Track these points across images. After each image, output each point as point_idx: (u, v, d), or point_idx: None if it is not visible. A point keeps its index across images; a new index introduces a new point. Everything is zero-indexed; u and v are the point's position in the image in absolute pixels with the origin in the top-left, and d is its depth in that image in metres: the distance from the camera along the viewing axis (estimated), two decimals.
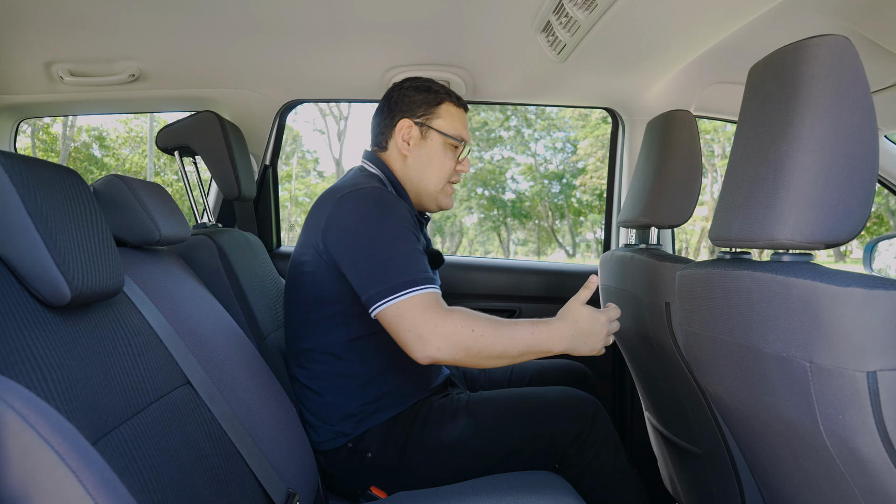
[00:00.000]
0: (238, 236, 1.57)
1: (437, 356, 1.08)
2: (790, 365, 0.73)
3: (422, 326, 1.09)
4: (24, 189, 0.70)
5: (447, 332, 1.08)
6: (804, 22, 1.22)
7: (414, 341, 1.09)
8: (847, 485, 0.74)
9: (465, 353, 1.09)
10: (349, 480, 1.30)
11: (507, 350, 1.10)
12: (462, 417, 1.27)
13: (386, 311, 1.12)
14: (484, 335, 1.09)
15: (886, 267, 1.60)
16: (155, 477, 0.72)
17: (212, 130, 1.60)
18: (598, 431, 1.27)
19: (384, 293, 1.12)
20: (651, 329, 1.22)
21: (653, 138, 1.37)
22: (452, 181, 1.39)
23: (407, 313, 1.10)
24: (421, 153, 1.36)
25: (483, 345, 1.09)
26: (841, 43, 0.73)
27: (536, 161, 17.33)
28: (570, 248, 17.27)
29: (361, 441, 1.28)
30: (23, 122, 2.02)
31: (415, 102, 1.37)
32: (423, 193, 1.37)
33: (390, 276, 1.12)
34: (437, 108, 1.36)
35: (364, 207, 1.19)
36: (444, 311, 1.11)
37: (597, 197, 15.69)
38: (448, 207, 1.40)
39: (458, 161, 1.39)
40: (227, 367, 1.10)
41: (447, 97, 1.38)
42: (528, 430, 1.25)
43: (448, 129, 1.36)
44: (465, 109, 1.41)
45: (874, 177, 0.74)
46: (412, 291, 1.11)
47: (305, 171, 17.71)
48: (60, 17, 1.36)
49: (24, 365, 0.63)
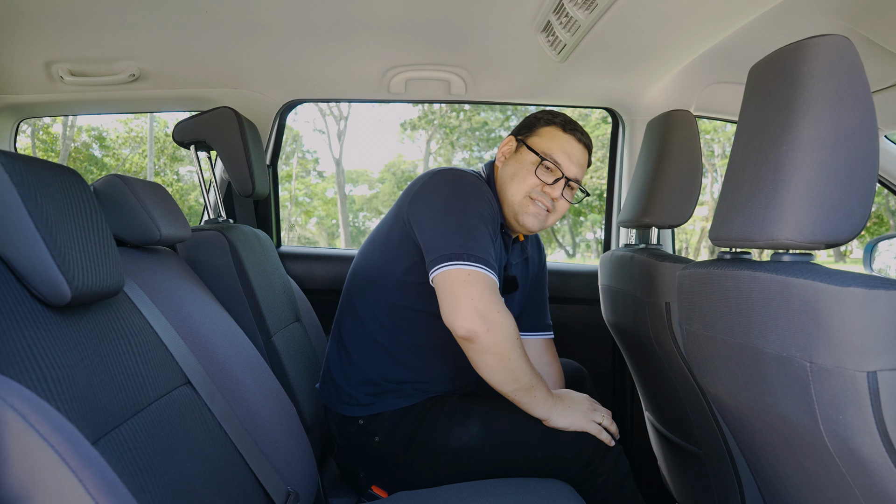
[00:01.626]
0: (248, 232, 1.57)
1: (479, 333, 1.12)
2: (790, 365, 0.73)
3: (485, 304, 1.13)
4: (25, 189, 0.70)
5: (502, 321, 1.13)
6: (804, 22, 1.22)
7: (470, 312, 1.12)
8: (847, 485, 0.74)
9: (502, 349, 1.14)
10: (353, 456, 1.32)
11: (521, 377, 1.17)
12: (474, 424, 1.26)
13: (453, 272, 1.14)
14: (519, 349, 1.16)
15: (886, 267, 1.60)
16: (155, 477, 0.72)
17: (229, 126, 1.60)
18: (609, 461, 1.24)
19: (459, 256, 1.15)
20: (651, 329, 1.22)
21: (653, 138, 1.37)
22: (535, 198, 1.33)
23: (475, 285, 1.13)
24: (511, 165, 1.38)
25: (516, 356, 1.15)
26: (841, 43, 0.73)
27: None
28: (570, 248, 17.26)
29: (373, 422, 1.29)
30: (23, 122, 2.02)
31: (526, 123, 1.42)
32: (507, 205, 1.37)
33: (469, 246, 1.16)
34: (540, 129, 1.38)
35: (456, 182, 1.26)
36: (502, 303, 1.17)
37: (597, 197, 15.70)
38: (529, 228, 1.35)
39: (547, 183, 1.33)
40: (227, 366, 1.10)
41: (554, 121, 1.38)
42: (535, 451, 1.24)
43: (538, 145, 1.36)
44: (576, 138, 1.37)
45: (874, 177, 0.74)
46: (485, 269, 1.15)
47: (305, 171, 17.71)
48: (60, 17, 1.36)
49: (24, 364, 0.63)
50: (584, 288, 2.08)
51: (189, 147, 1.69)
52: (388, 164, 18.26)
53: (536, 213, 1.35)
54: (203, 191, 1.80)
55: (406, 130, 16.99)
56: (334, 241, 17.26)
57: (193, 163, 1.75)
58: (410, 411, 1.29)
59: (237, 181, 1.63)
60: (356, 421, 1.31)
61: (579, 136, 1.37)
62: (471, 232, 1.18)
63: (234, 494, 0.89)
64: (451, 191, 1.24)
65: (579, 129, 1.38)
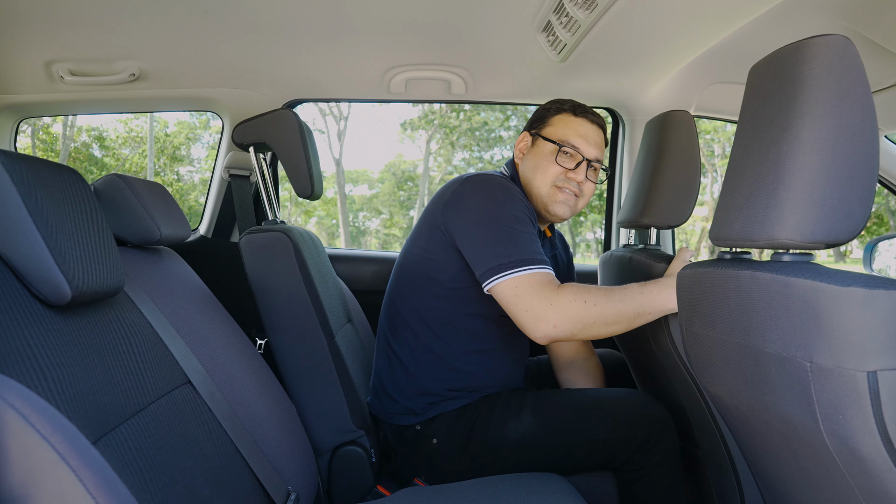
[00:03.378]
0: (304, 233, 1.56)
1: (555, 333, 1.12)
2: (790, 365, 0.73)
3: (538, 305, 1.12)
4: (25, 188, 0.70)
5: (562, 306, 1.12)
6: (804, 22, 1.22)
7: (531, 321, 1.13)
8: (847, 485, 0.74)
9: (582, 325, 1.12)
10: (412, 462, 1.32)
11: (623, 313, 1.12)
12: (527, 415, 1.27)
13: (501, 286, 1.16)
14: (597, 304, 1.12)
15: (886, 267, 1.60)
16: (155, 476, 0.72)
17: (289, 129, 1.59)
18: (665, 442, 1.25)
19: (500, 268, 1.16)
20: (651, 329, 1.22)
21: (651, 139, 1.37)
22: (562, 186, 1.35)
23: (523, 291, 1.14)
24: (530, 160, 1.39)
25: (598, 313, 1.11)
26: (841, 43, 0.73)
27: None
28: (571, 249, 17.26)
29: (429, 426, 1.30)
30: (23, 122, 2.02)
31: (536, 115, 1.43)
32: (535, 199, 1.38)
33: (509, 253, 1.17)
34: (552, 118, 1.39)
35: (486, 189, 1.26)
36: (557, 287, 1.15)
37: (597, 197, 15.69)
38: (560, 215, 1.36)
39: (570, 169, 1.34)
40: (227, 366, 1.10)
41: (564, 108, 1.39)
42: (592, 434, 1.24)
43: (553, 134, 1.36)
44: (588, 120, 1.37)
45: (874, 177, 0.74)
46: (527, 269, 1.15)
47: None
48: (60, 16, 1.36)
49: (24, 364, 0.63)
50: None
51: (248, 149, 1.68)
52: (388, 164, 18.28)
53: (565, 200, 1.36)
54: (261, 192, 1.77)
55: (406, 130, 17.00)
56: (334, 241, 17.27)
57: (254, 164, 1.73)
58: (465, 411, 1.30)
59: (297, 182, 1.61)
60: (413, 427, 1.31)
61: (591, 118, 1.38)
62: (511, 237, 1.19)
63: (234, 494, 0.89)
64: (483, 199, 1.25)
65: (590, 110, 1.39)
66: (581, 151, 1.34)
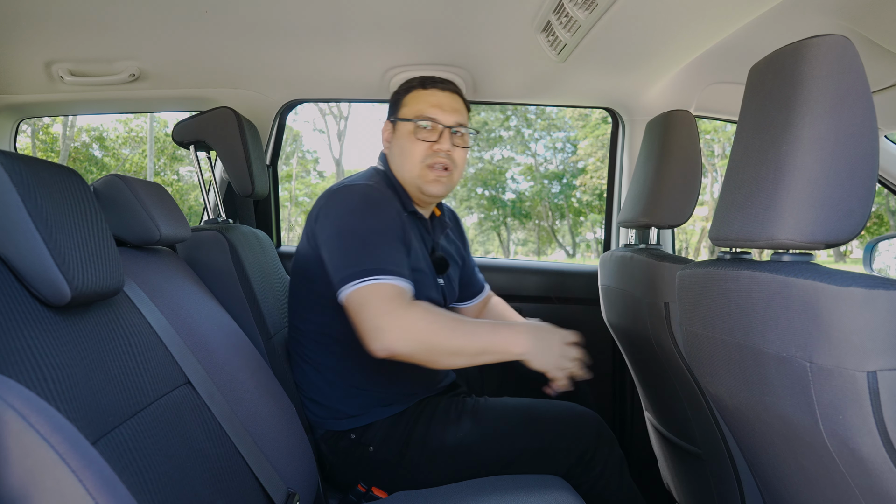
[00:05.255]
0: (248, 233, 1.57)
1: (394, 348, 1.07)
2: (790, 365, 0.73)
3: (382, 317, 1.09)
4: (25, 189, 0.70)
5: (406, 323, 1.08)
6: (804, 22, 1.22)
7: (372, 332, 1.09)
8: (847, 485, 0.74)
9: (424, 347, 1.09)
10: (348, 471, 1.30)
11: (466, 347, 1.10)
12: (467, 421, 1.27)
13: (350, 295, 1.13)
14: (443, 330, 1.09)
15: (886, 267, 1.60)
16: (155, 477, 0.72)
17: (228, 126, 1.60)
18: (603, 451, 1.26)
19: (350, 277, 1.13)
20: (651, 329, 1.22)
21: (652, 138, 1.37)
22: (431, 164, 1.33)
23: (369, 301, 1.11)
24: (395, 147, 1.39)
25: (441, 340, 1.09)
26: (841, 43, 0.73)
27: (536, 161, 17.34)
28: (570, 248, 17.27)
29: (365, 434, 1.29)
30: (23, 122, 2.02)
31: (391, 101, 1.42)
32: (408, 184, 1.37)
33: (360, 262, 1.14)
34: (404, 99, 1.39)
35: (348, 201, 1.24)
36: (406, 303, 1.11)
37: (597, 197, 15.69)
38: (437, 194, 1.36)
39: (433, 141, 1.34)
40: (227, 366, 1.10)
41: (412, 86, 1.38)
42: (532, 443, 1.25)
43: (408, 113, 1.36)
44: (439, 89, 1.37)
45: (874, 177, 0.74)
46: (377, 279, 1.12)
47: (305, 171, 17.72)
48: (60, 17, 1.36)
49: (24, 364, 0.63)
50: (584, 288, 2.08)
51: (189, 147, 1.69)
52: None
53: (437, 178, 1.34)
54: (203, 191, 1.80)
55: None
56: None
57: (193, 163, 1.75)
58: (402, 416, 1.29)
59: (237, 181, 1.63)
60: (348, 436, 1.30)
61: (442, 86, 1.37)
62: (366, 248, 1.17)
63: (234, 494, 0.89)
64: (344, 211, 1.24)
65: (439, 80, 1.38)
66: (439, 120, 1.34)
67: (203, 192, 1.81)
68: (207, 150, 1.74)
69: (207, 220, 1.70)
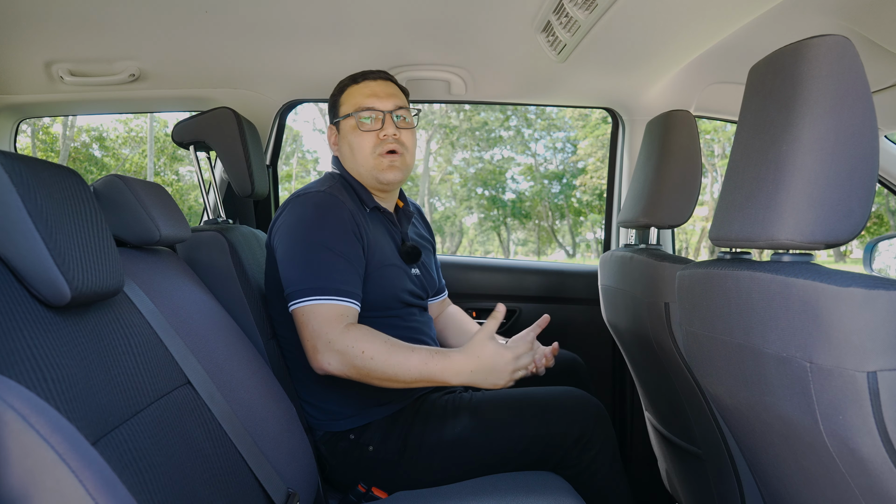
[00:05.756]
0: (247, 233, 1.57)
1: (328, 370, 1.15)
2: (790, 365, 0.73)
3: (318, 338, 1.15)
4: (24, 189, 0.70)
5: (339, 348, 1.14)
6: (804, 22, 1.22)
7: (310, 351, 1.17)
8: (847, 485, 0.74)
9: (356, 372, 1.14)
10: (347, 472, 1.31)
11: (399, 375, 1.13)
12: (464, 416, 1.28)
13: (295, 311, 1.20)
14: (374, 358, 1.13)
15: (886, 267, 1.60)
16: (155, 477, 0.72)
17: (228, 126, 1.60)
18: (600, 434, 1.27)
19: (296, 294, 1.19)
20: (651, 329, 1.22)
21: (652, 138, 1.37)
22: (382, 151, 1.35)
23: (310, 321, 1.17)
24: (343, 146, 1.41)
25: (373, 367, 1.13)
26: (841, 43, 0.73)
27: (536, 161, 17.34)
28: (570, 248, 17.27)
29: (363, 433, 1.29)
30: (23, 122, 2.02)
31: (329, 107, 1.46)
32: (365, 178, 1.39)
33: (305, 279, 1.19)
34: (340, 99, 1.42)
35: (302, 211, 1.27)
36: (343, 327, 1.16)
37: (597, 197, 15.69)
38: (394, 180, 1.37)
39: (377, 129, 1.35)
40: (227, 366, 1.10)
41: (345, 85, 1.41)
42: (529, 430, 1.25)
43: (348, 109, 1.38)
44: (371, 79, 1.39)
45: (874, 177, 0.74)
46: (320, 299, 1.17)
47: (305, 171, 17.71)
48: (60, 17, 1.36)
49: (24, 365, 0.63)
50: (584, 288, 2.08)
51: (188, 147, 1.69)
52: None
53: (391, 163, 1.36)
54: (202, 191, 1.80)
55: None
56: None
57: (193, 163, 1.75)
58: (400, 415, 1.30)
59: (236, 181, 1.63)
60: (347, 436, 1.30)
61: (372, 76, 1.41)
62: (313, 264, 1.20)
63: (234, 494, 0.89)
64: (296, 222, 1.26)
65: (369, 72, 1.41)
66: (377, 108, 1.36)
67: (203, 193, 1.81)
68: (207, 151, 1.74)
69: (207, 221, 1.70)
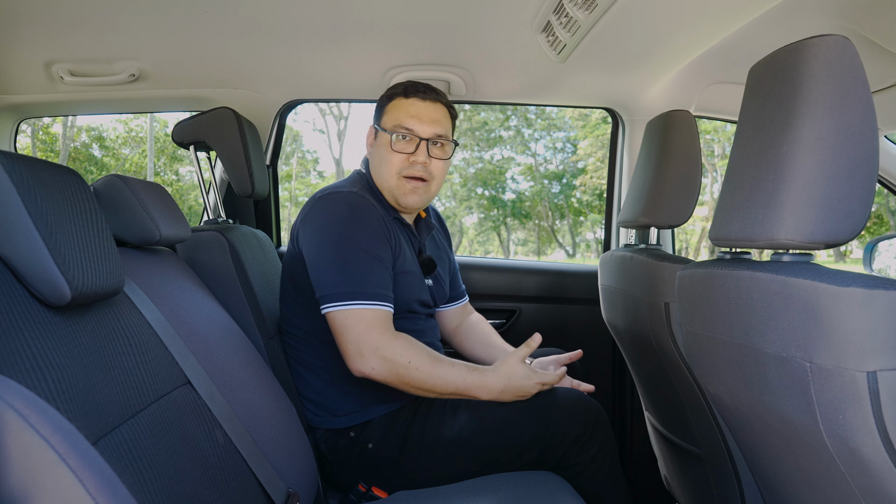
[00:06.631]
0: (247, 233, 1.57)
1: (370, 374, 1.17)
2: (790, 365, 0.73)
3: (364, 342, 1.16)
4: (25, 189, 0.70)
5: (386, 355, 1.16)
6: (804, 22, 1.22)
7: (353, 353, 1.17)
8: (847, 485, 0.74)
9: (397, 379, 1.17)
10: (348, 470, 1.31)
11: (437, 387, 1.19)
12: (463, 414, 1.28)
13: (334, 314, 1.19)
14: (419, 369, 1.17)
15: (886, 267, 1.60)
16: (155, 477, 0.72)
17: (228, 126, 1.60)
18: (599, 434, 1.27)
19: (335, 297, 1.19)
20: (651, 329, 1.22)
21: (652, 138, 1.37)
22: (408, 175, 1.33)
23: (354, 325, 1.17)
24: (375, 153, 1.39)
25: (415, 377, 1.17)
26: (841, 43, 0.73)
27: (536, 161, 17.34)
28: (570, 248, 17.27)
29: (363, 431, 1.29)
30: (23, 122, 2.02)
31: (377, 106, 1.43)
32: (385, 192, 1.38)
33: (345, 282, 1.19)
34: (387, 106, 1.39)
35: (335, 210, 1.26)
36: (390, 334, 1.18)
37: (597, 197, 15.70)
38: (412, 205, 1.36)
39: (410, 153, 1.33)
40: (227, 366, 1.10)
41: (396, 92, 1.38)
42: (529, 430, 1.25)
43: (388, 122, 1.36)
44: (420, 98, 1.35)
45: (874, 177, 0.74)
46: (362, 304, 1.18)
47: (305, 171, 17.71)
48: (60, 17, 1.36)
49: (24, 364, 0.63)
50: (584, 288, 2.08)
51: (188, 147, 1.69)
52: None
53: (414, 189, 1.34)
54: (202, 191, 1.81)
55: None
56: None
57: (193, 163, 1.75)
58: (400, 412, 1.30)
59: (236, 181, 1.63)
60: (347, 434, 1.30)
61: (423, 95, 1.35)
62: (350, 266, 1.20)
63: (234, 494, 0.89)
64: (329, 222, 1.25)
65: (422, 88, 1.36)
66: (416, 132, 1.33)
67: (203, 193, 1.81)
68: (207, 151, 1.75)
69: (207, 221, 1.70)
